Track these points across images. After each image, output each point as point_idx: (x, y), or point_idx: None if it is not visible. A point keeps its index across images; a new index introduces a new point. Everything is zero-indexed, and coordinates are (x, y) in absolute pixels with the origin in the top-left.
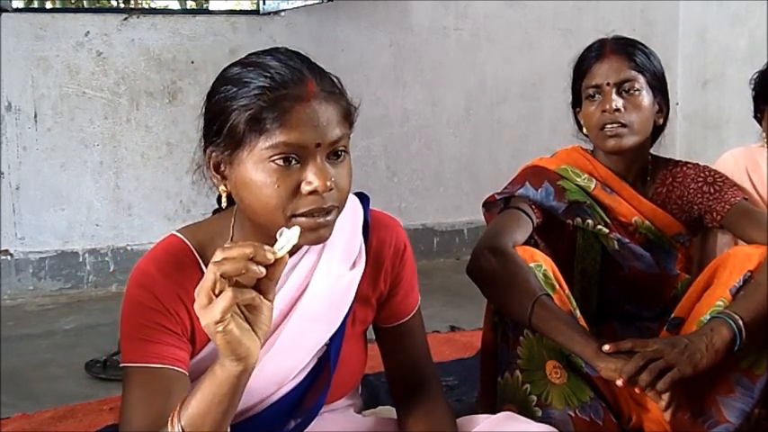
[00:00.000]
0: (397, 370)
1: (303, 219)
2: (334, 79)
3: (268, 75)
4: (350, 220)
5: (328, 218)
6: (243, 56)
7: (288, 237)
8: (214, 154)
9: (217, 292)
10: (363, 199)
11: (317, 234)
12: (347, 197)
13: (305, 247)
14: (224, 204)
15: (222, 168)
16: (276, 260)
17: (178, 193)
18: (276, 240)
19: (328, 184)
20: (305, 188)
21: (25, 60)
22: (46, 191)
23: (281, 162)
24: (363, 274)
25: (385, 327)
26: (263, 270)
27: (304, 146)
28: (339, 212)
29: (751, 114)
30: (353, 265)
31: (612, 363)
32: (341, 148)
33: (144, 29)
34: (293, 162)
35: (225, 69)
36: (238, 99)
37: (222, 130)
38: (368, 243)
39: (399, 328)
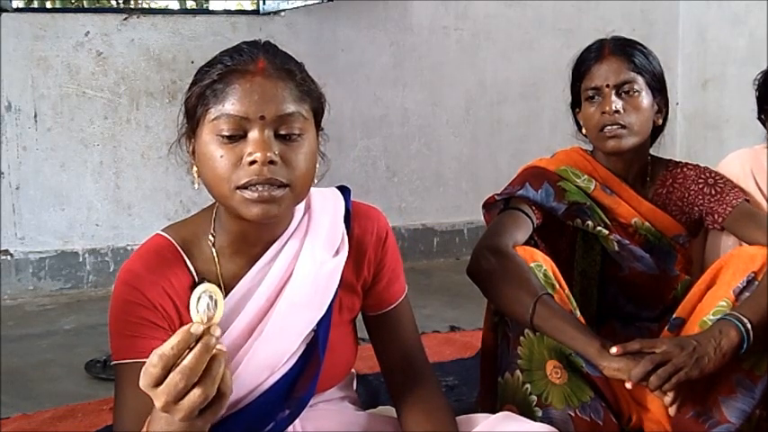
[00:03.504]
0: (389, 362)
1: (247, 191)
2: (298, 63)
3: (231, 55)
4: (331, 209)
5: (274, 192)
6: None
7: (197, 298)
8: (188, 136)
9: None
10: (345, 191)
11: (261, 207)
12: (304, 180)
13: (287, 234)
14: (196, 186)
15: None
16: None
17: (178, 193)
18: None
19: (269, 155)
20: (245, 158)
21: (25, 60)
22: (46, 191)
23: (226, 133)
24: (347, 261)
25: (373, 315)
26: (220, 345)
27: (246, 117)
28: (294, 194)
29: (751, 114)
30: (337, 252)
31: (616, 362)
32: (295, 131)
33: (144, 29)
34: (238, 134)
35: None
36: (201, 76)
37: (184, 106)
38: (350, 231)
39: (387, 316)
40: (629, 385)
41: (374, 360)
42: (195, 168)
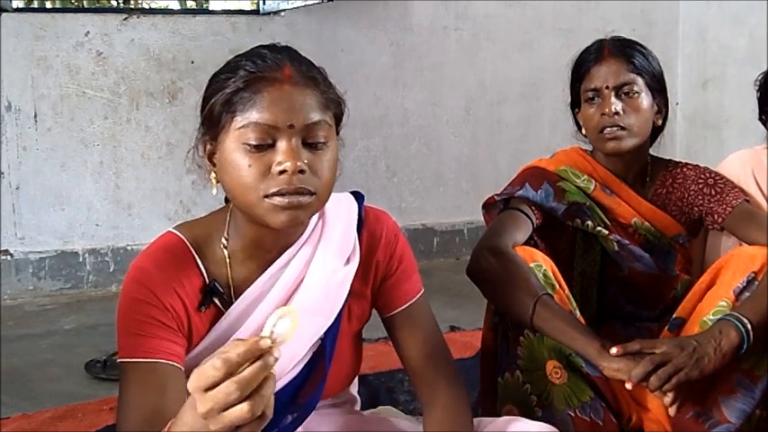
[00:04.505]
0: (410, 365)
1: (276, 198)
2: (320, 70)
3: (253, 61)
4: (345, 216)
5: (302, 199)
6: None
7: (278, 317)
8: (205, 141)
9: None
10: (358, 197)
11: (289, 215)
12: (328, 188)
13: (301, 241)
14: (214, 192)
15: (214, 157)
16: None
17: (178, 193)
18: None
19: (299, 164)
20: (275, 168)
21: (25, 60)
22: (46, 191)
23: (254, 142)
24: (357, 268)
25: (387, 317)
26: (275, 358)
27: (275, 126)
28: (319, 201)
29: (751, 114)
30: (348, 260)
31: (616, 362)
32: (321, 140)
33: (144, 29)
34: (266, 143)
35: (230, 59)
36: (224, 83)
37: (206, 114)
38: (360, 237)
39: (401, 317)
40: (629, 386)
41: (374, 360)
42: (213, 174)
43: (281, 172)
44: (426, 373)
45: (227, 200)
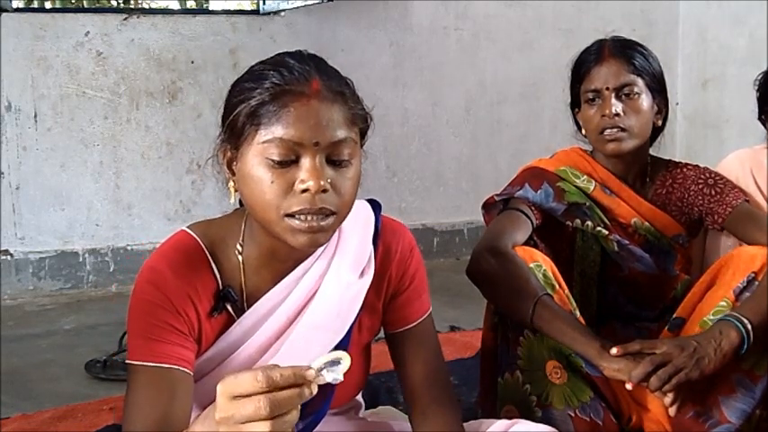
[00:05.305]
0: (409, 386)
1: (296, 220)
2: (348, 83)
3: (280, 72)
4: (361, 227)
5: (323, 222)
6: (242, 56)
7: (334, 359)
8: (225, 149)
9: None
10: (376, 207)
11: (309, 237)
12: (349, 206)
13: (316, 253)
14: (232, 200)
15: (234, 165)
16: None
17: (178, 193)
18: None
19: (322, 183)
20: (298, 186)
21: (25, 60)
22: (46, 191)
23: (277, 158)
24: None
25: (392, 333)
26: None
27: (300, 143)
28: (339, 220)
29: (751, 114)
30: (362, 273)
31: (616, 363)
32: (345, 157)
33: (144, 29)
34: (290, 159)
35: (253, 65)
36: (249, 93)
37: (229, 123)
38: (375, 250)
39: (406, 335)
40: (629, 386)
41: (374, 360)
42: (232, 183)
43: (304, 190)
44: (422, 396)
45: (241, 203)
